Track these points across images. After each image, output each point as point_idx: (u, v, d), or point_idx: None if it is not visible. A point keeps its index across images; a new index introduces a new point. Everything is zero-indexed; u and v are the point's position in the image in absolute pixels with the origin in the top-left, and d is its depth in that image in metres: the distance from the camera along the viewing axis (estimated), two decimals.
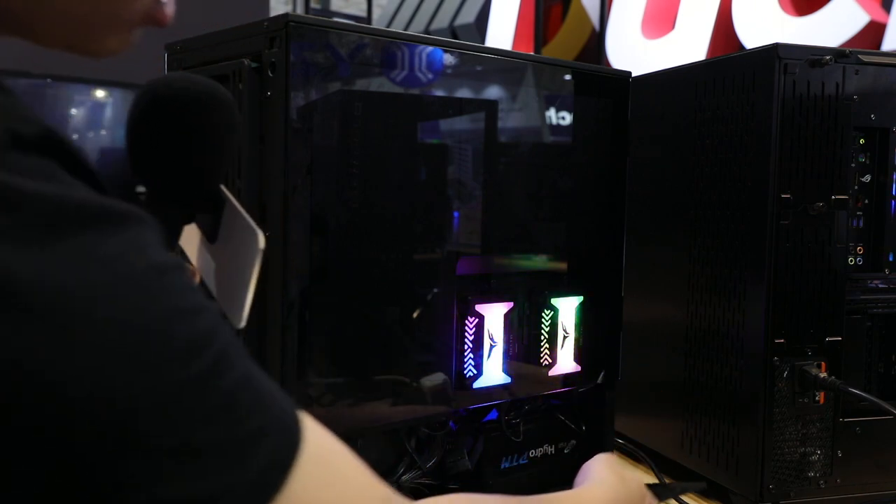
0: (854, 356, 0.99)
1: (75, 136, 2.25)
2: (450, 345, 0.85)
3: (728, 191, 1.01)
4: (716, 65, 1.05)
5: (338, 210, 0.77)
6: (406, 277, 0.82)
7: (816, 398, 0.96)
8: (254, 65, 0.74)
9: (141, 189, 0.59)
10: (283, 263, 0.73)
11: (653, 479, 1.05)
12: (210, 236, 0.62)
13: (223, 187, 0.61)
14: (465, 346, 0.86)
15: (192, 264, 0.64)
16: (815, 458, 0.96)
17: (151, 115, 0.56)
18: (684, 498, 1.02)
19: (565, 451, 1.01)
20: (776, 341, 0.95)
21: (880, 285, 1.00)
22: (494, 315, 0.88)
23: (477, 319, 0.87)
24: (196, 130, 0.56)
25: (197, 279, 0.63)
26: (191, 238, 0.63)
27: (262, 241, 0.57)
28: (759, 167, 0.96)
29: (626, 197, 1.02)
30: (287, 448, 0.37)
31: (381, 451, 0.85)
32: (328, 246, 0.76)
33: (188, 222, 0.61)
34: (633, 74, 1.03)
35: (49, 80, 2.23)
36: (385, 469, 0.85)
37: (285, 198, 0.72)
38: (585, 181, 0.99)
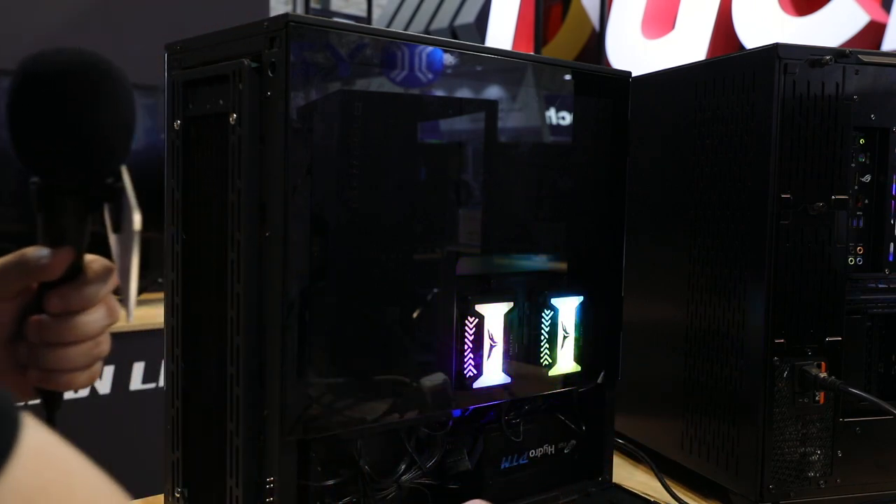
0: (854, 356, 0.99)
1: None
2: (450, 345, 0.85)
3: (728, 191, 1.01)
4: (716, 65, 1.05)
5: (338, 210, 0.77)
6: (406, 277, 0.82)
7: (816, 398, 0.96)
8: (254, 65, 0.74)
9: (35, 179, 0.54)
10: (283, 263, 0.73)
11: (655, 482, 1.05)
12: (114, 226, 0.57)
13: (124, 170, 0.55)
14: (465, 346, 0.86)
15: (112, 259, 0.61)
16: (815, 458, 0.96)
17: (24, 95, 0.51)
18: (683, 497, 1.02)
19: (565, 451, 1.01)
20: (776, 341, 0.95)
21: (880, 285, 1.00)
22: (494, 315, 0.88)
23: (477, 319, 0.87)
24: (71, 104, 0.51)
25: (115, 273, 0.59)
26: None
27: (137, 221, 0.53)
28: (759, 167, 0.96)
29: (626, 197, 1.02)
30: None
31: (381, 451, 0.85)
32: (328, 246, 0.76)
33: (92, 212, 0.56)
34: (633, 74, 1.03)
35: None
36: (385, 469, 0.85)
37: (285, 198, 0.72)
38: (585, 181, 0.99)
